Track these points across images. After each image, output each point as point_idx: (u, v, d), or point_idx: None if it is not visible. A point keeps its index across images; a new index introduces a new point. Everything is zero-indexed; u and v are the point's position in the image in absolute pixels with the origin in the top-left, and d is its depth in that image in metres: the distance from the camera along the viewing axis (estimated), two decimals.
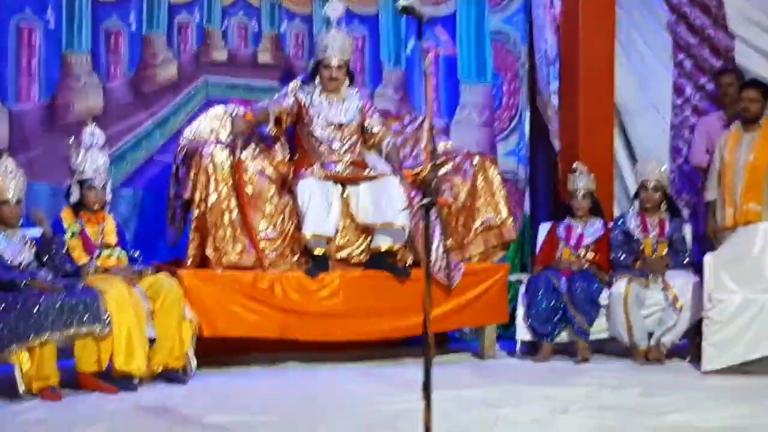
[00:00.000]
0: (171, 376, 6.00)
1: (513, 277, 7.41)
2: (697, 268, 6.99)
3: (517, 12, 8.53)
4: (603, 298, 7.01)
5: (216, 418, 4.97)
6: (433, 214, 6.87)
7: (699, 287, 6.80)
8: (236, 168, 6.54)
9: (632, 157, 8.41)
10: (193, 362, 6.14)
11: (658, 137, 8.43)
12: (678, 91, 8.40)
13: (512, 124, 8.57)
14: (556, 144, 8.34)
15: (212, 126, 7.09)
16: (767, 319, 6.29)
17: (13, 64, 7.08)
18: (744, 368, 6.31)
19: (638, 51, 8.46)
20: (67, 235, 6.05)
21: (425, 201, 3.56)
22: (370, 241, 6.88)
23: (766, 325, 6.29)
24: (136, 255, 6.34)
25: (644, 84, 8.47)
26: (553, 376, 6.42)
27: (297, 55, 7.94)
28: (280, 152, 7.18)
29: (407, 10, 3.65)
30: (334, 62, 6.93)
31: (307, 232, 6.58)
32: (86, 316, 5.57)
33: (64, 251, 5.97)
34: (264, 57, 7.84)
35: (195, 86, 7.62)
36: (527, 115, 8.64)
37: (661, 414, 5.08)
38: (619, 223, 7.40)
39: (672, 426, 4.85)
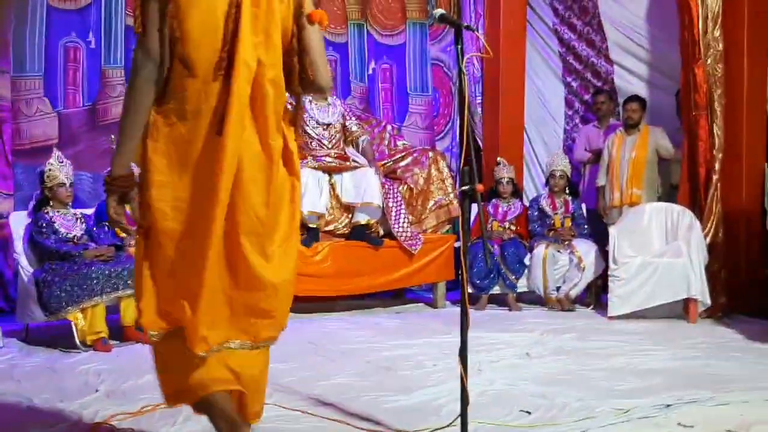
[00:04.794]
0: None
1: (457, 244, 6.60)
2: (594, 237, 6.40)
3: (450, 44, 7.69)
4: (527, 260, 6.28)
5: None
6: (398, 194, 6.23)
7: (596, 252, 6.22)
8: None
9: (535, 155, 7.73)
10: None
11: (554, 139, 7.72)
12: (569, 104, 7.71)
13: (446, 128, 7.79)
14: (480, 143, 7.58)
15: None
16: (660, 277, 5.59)
17: (62, 77, 6.17)
18: (638, 314, 5.63)
19: (539, 75, 7.74)
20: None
21: (465, 188, 2.68)
22: (351, 216, 6.03)
23: (659, 281, 5.59)
24: None
25: (544, 99, 7.75)
26: (497, 322, 5.60)
27: None
28: None
29: (444, 19, 2.74)
30: None
31: (305, 210, 5.67)
32: (130, 280, 4.64)
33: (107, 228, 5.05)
34: None
35: None
36: (458, 121, 7.81)
37: (606, 357, 4.31)
38: (534, 203, 6.66)
39: (618, 368, 4.06)
